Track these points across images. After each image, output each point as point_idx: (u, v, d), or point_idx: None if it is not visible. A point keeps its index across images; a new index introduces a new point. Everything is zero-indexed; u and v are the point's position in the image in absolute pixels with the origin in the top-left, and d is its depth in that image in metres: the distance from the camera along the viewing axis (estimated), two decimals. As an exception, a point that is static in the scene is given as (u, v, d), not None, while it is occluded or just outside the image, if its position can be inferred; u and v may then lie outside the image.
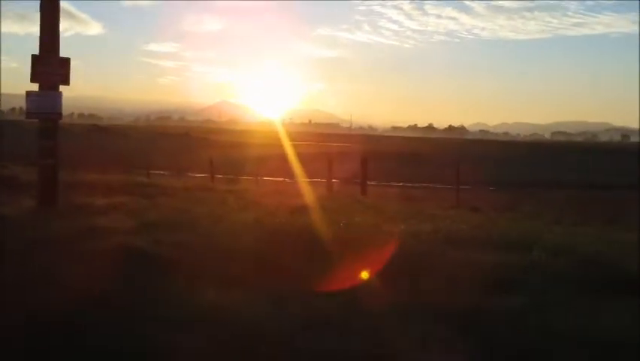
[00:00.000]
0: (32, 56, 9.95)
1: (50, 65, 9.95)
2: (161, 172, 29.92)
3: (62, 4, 10.28)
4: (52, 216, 8.81)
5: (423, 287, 5.03)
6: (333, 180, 19.33)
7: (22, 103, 11.06)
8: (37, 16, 10.02)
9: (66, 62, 10.19)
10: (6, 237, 7.07)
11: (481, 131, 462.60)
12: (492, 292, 4.93)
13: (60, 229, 7.41)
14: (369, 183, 18.66)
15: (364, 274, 5.56)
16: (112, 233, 7.17)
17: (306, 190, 15.56)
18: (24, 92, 10.03)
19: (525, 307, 4.65)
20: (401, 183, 30.59)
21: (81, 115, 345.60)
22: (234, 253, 6.29)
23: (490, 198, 19.77)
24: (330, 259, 5.91)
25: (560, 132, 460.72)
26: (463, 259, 5.82)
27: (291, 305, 4.72)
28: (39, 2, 10.04)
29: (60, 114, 10.30)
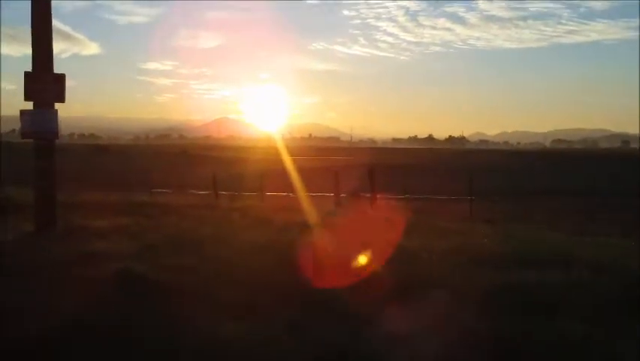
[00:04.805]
0: (25, 73, 9.50)
1: (44, 82, 9.50)
2: (163, 190, 29.46)
3: (58, 26, 10.06)
4: (50, 240, 8.34)
5: (456, 312, 4.53)
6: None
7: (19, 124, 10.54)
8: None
9: (61, 77, 9.73)
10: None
11: (481, 140, 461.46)
12: (540, 318, 4.39)
13: (56, 254, 6.94)
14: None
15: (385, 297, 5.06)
16: (111, 258, 6.69)
17: (314, 206, 15.06)
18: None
19: (587, 336, 4.06)
20: (406, 195, 29.96)
21: (81, 135, 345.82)
22: (242, 277, 5.80)
23: (498, 209, 19.23)
24: (346, 281, 5.41)
25: (560, 140, 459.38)
26: (496, 279, 5.30)
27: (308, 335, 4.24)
28: (30, 18, 9.64)
29: (56, 133, 9.84)
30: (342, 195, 17.74)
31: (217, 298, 5.14)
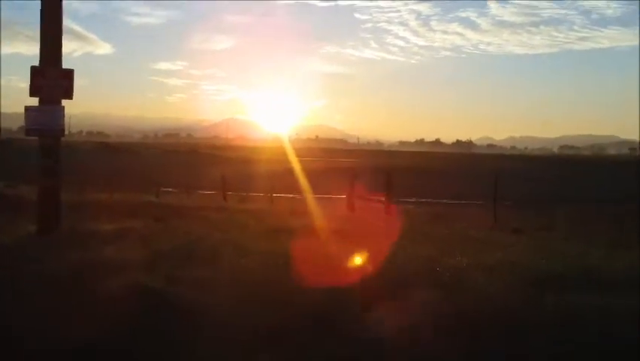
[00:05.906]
0: (31, 67, 8.96)
1: (51, 78, 8.93)
2: (171, 190, 29.00)
3: (71, 26, 9.61)
4: (52, 244, 7.74)
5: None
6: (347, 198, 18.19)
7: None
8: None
9: (69, 73, 9.15)
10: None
11: (488, 145, 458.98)
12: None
13: (57, 263, 6.33)
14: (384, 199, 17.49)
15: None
16: (119, 268, 6.07)
17: (327, 210, 14.48)
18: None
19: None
20: (414, 199, 29.19)
21: (90, 133, 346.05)
22: (266, 297, 5.15)
23: (519, 216, 18.44)
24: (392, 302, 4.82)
25: (567, 146, 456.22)
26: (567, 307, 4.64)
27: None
28: (40, 11, 9.08)
29: (62, 130, 9.29)
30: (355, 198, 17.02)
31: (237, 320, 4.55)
